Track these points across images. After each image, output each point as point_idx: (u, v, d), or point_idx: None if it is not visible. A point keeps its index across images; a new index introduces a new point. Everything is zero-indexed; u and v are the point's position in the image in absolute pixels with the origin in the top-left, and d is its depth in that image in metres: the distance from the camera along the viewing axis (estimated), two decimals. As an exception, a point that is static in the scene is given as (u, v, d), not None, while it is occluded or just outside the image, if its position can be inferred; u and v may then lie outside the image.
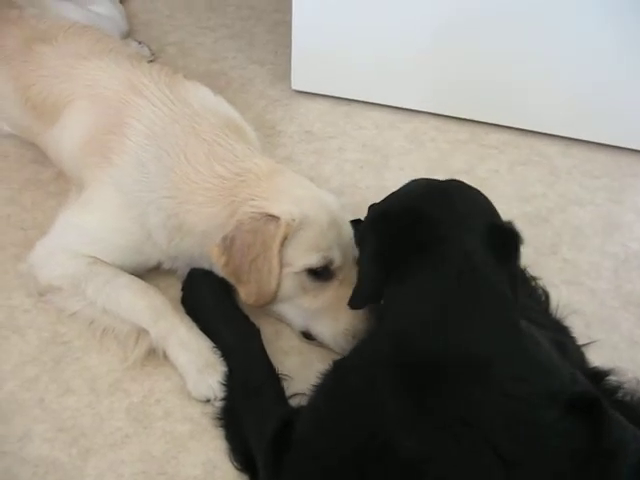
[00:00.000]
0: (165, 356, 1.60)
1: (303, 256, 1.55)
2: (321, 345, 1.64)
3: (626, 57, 2.12)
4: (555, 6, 2.08)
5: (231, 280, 1.59)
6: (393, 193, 1.52)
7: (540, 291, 1.75)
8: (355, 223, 1.71)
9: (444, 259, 1.29)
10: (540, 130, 2.36)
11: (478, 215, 1.40)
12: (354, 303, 1.49)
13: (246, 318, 1.64)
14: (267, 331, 1.64)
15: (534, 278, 1.78)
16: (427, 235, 1.34)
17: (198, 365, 1.55)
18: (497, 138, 2.37)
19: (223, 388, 1.52)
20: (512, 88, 2.29)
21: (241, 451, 1.43)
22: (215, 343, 1.60)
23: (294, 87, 2.48)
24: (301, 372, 1.57)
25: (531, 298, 1.71)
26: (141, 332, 1.62)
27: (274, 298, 1.58)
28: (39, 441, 1.46)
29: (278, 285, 1.56)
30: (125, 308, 1.63)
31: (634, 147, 2.32)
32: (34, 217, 1.93)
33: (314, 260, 1.55)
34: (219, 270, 1.60)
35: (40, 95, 1.86)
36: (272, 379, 1.50)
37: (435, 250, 1.31)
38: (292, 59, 2.40)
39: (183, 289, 1.72)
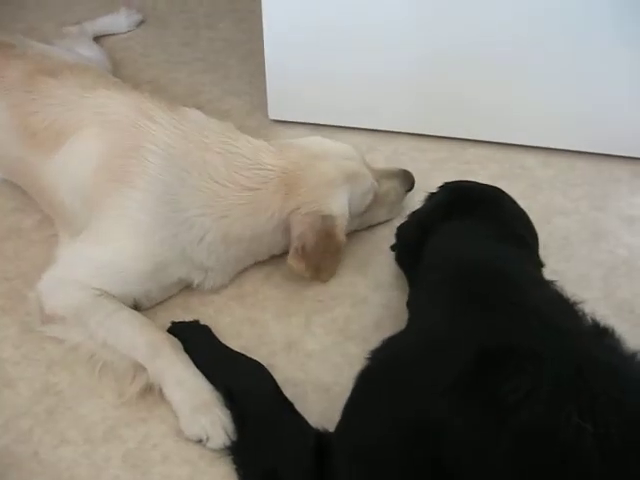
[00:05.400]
0: (161, 393, 1.59)
1: (360, 204, 1.88)
2: None
3: (602, 64, 2.14)
4: (527, 18, 2.10)
5: (312, 275, 1.81)
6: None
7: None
8: None
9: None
10: (518, 142, 2.37)
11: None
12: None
13: (246, 356, 1.64)
14: (260, 365, 1.62)
15: None
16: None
17: (192, 404, 1.53)
18: (476, 153, 2.37)
19: (234, 426, 1.50)
20: (488, 102, 2.30)
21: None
22: (219, 385, 1.57)
23: (271, 117, 2.48)
24: (296, 404, 1.55)
25: None
26: (139, 368, 1.61)
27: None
28: (37, 495, 1.44)
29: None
30: (124, 343, 1.63)
31: (613, 152, 2.33)
32: (17, 267, 1.91)
33: (368, 200, 1.90)
34: (299, 273, 1.79)
35: (43, 123, 1.83)
36: (293, 410, 1.51)
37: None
38: (267, 89, 2.40)
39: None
